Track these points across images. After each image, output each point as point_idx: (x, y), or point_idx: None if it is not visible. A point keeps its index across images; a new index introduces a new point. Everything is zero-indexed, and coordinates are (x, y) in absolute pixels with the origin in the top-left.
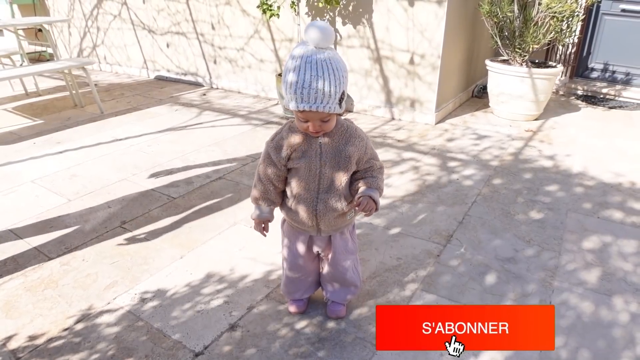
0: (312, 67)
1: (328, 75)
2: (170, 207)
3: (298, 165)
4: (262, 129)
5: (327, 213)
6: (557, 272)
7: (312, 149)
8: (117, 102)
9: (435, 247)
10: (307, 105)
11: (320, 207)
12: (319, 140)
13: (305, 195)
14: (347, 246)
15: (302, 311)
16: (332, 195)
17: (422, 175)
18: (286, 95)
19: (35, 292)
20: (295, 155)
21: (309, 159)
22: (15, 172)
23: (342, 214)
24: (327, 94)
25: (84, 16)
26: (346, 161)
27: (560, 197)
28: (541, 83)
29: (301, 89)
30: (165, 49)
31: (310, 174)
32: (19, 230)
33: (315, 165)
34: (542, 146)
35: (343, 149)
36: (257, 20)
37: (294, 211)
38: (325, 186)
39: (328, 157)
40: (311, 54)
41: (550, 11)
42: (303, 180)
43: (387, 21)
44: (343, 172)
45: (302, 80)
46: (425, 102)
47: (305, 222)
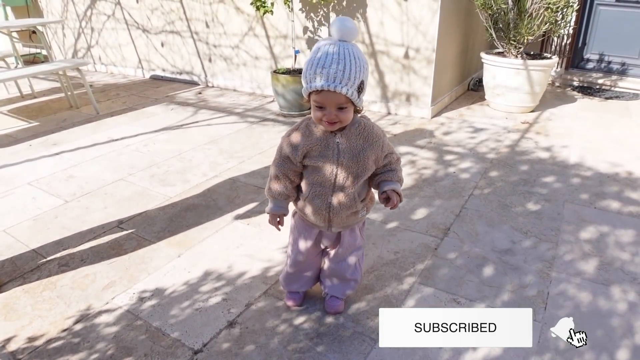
0: (333, 51)
1: (349, 61)
2: (167, 206)
3: (314, 164)
4: (258, 126)
5: (341, 211)
6: (554, 263)
7: (329, 149)
8: (113, 102)
9: (433, 241)
10: (325, 84)
11: (333, 205)
12: (336, 139)
13: (320, 192)
14: (355, 242)
15: (299, 304)
16: (347, 194)
17: (419, 169)
18: (305, 82)
19: (34, 294)
20: (311, 154)
21: (325, 159)
22: (11, 174)
23: (355, 212)
24: (346, 75)
25: (77, 17)
26: (364, 163)
27: (557, 188)
28: (537, 75)
29: (321, 69)
30: (160, 48)
31: (326, 173)
32: (16, 232)
33: (332, 166)
34: (538, 138)
35: (361, 150)
36: (251, 17)
37: (307, 207)
38: (340, 185)
39: (345, 157)
40: (334, 43)
41: (545, 2)
42: (319, 179)
43: (381, 15)
44: (360, 173)
45: (323, 61)
46: (421, 96)
47: (317, 218)
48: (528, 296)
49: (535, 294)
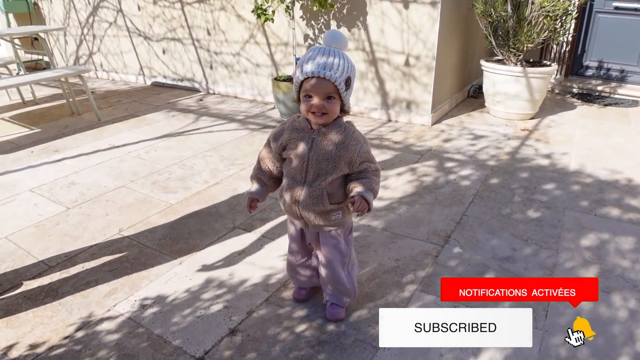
0: (323, 50)
1: (338, 56)
2: (168, 213)
3: (289, 156)
4: (259, 133)
5: (308, 206)
6: (555, 270)
7: (304, 143)
8: (114, 109)
9: (434, 248)
10: (315, 70)
11: (302, 199)
12: (312, 135)
13: (291, 185)
14: (338, 247)
15: (302, 299)
16: (315, 190)
17: (420, 177)
18: (296, 78)
19: (35, 301)
20: (289, 146)
21: (299, 152)
22: (13, 181)
23: (325, 212)
24: (335, 66)
25: (79, 24)
26: (334, 161)
27: (558, 195)
28: (536, 82)
29: (312, 60)
30: (162, 55)
31: (298, 165)
32: (18, 239)
33: (304, 158)
34: (538, 145)
35: (334, 149)
36: (253, 25)
37: (282, 199)
38: (309, 180)
39: (317, 152)
40: (324, 47)
41: (544, 10)
42: (291, 171)
43: (382, 23)
44: (329, 170)
45: (315, 55)
46: (421, 103)
47: (290, 212)
48: (529, 304)
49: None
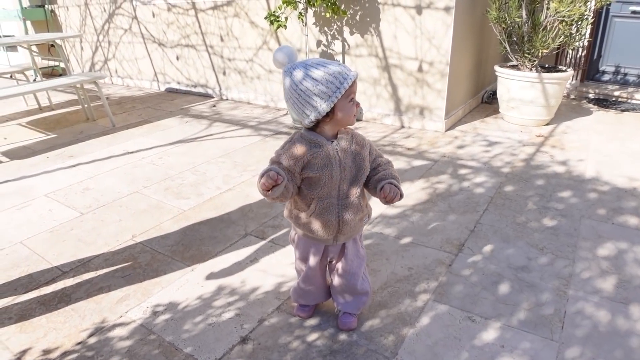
0: (319, 61)
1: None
2: (180, 219)
3: (318, 175)
4: (272, 139)
5: (351, 220)
6: (571, 281)
7: (331, 157)
8: (129, 115)
9: (447, 257)
10: (354, 73)
11: (343, 214)
12: (334, 146)
13: (327, 204)
14: (358, 253)
15: (308, 316)
16: (354, 200)
17: (433, 184)
18: (329, 95)
19: (49, 306)
20: (313, 164)
21: (330, 168)
22: (29, 186)
23: (361, 218)
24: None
25: (95, 31)
26: (362, 164)
27: (574, 203)
28: (551, 88)
29: (341, 67)
30: (175, 61)
31: (332, 182)
32: (32, 244)
33: (336, 173)
34: (554, 151)
35: (357, 152)
36: (266, 31)
37: (314, 223)
38: (344, 192)
39: (347, 162)
40: (301, 63)
41: (559, 15)
42: (324, 191)
43: (395, 29)
44: (361, 174)
45: (334, 69)
46: (435, 109)
47: (326, 232)
48: (545, 314)
49: (552, 313)
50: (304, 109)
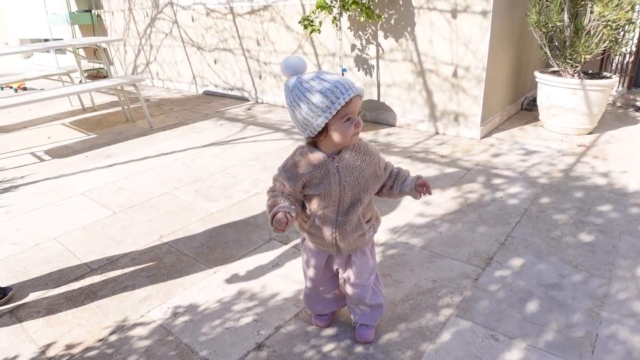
0: (324, 73)
1: (337, 75)
2: (208, 221)
3: (315, 193)
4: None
5: (347, 236)
6: (606, 302)
7: (330, 175)
8: (166, 116)
9: (474, 270)
10: (352, 90)
11: (339, 231)
12: (334, 163)
13: (324, 220)
14: (367, 264)
15: (327, 325)
16: (353, 217)
17: (464, 193)
18: (323, 111)
19: (75, 302)
20: (312, 182)
21: (327, 186)
22: (67, 184)
23: (362, 234)
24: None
25: (138, 35)
26: (365, 182)
27: (614, 218)
28: (595, 95)
29: (341, 85)
30: (213, 65)
31: (329, 200)
32: (65, 240)
33: (335, 191)
34: (595, 162)
35: (360, 169)
36: (301, 35)
37: (313, 233)
38: (344, 209)
39: (347, 180)
40: (308, 75)
41: (604, 19)
42: (322, 206)
43: (430, 34)
44: (362, 193)
45: (336, 81)
46: (470, 115)
47: (325, 245)
48: (574, 337)
49: (582, 335)
50: (299, 124)
